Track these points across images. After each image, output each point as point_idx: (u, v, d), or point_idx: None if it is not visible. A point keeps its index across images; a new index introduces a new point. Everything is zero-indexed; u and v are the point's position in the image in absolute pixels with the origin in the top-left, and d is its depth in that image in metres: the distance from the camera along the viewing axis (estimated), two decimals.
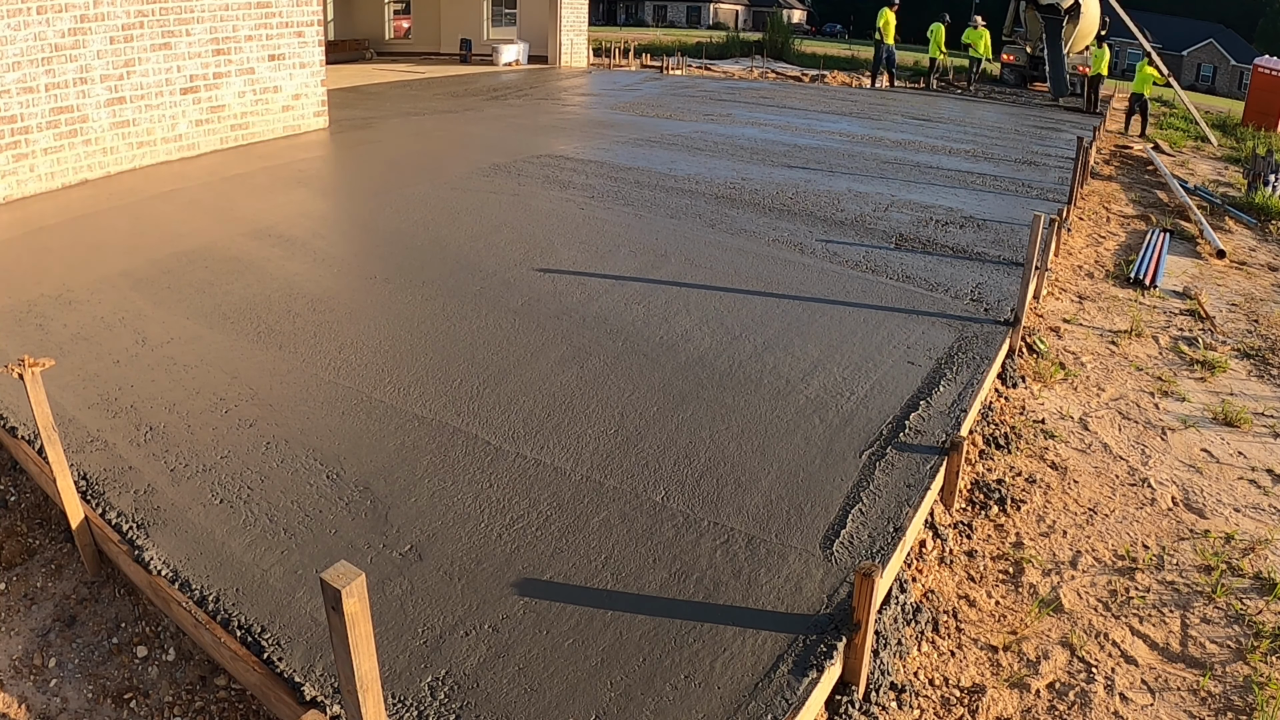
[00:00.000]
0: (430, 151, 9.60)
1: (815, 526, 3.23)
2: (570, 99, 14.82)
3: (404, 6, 22.04)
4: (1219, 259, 8.16)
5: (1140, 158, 13.61)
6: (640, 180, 8.50)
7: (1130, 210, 9.99)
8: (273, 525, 3.11)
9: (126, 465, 3.43)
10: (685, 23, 65.35)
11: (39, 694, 2.64)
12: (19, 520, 3.37)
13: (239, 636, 2.58)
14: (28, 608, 2.95)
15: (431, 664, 2.52)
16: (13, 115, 6.91)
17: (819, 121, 13.49)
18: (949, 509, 3.82)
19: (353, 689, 1.86)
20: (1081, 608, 3.28)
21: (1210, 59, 50.70)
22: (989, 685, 2.89)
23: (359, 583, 1.74)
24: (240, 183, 7.84)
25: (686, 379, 4.34)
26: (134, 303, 5.02)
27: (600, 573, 2.93)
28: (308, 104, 10.13)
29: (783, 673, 2.54)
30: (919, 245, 6.85)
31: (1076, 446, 4.46)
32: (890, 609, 3.04)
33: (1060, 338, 5.90)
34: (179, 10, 8.25)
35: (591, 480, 3.46)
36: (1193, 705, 2.84)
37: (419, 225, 6.68)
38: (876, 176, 9.41)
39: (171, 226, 6.44)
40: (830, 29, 66.58)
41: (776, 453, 3.71)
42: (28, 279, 5.30)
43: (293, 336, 4.65)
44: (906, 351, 4.81)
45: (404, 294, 5.29)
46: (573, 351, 4.58)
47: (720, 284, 5.69)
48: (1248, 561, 3.58)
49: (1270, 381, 5.43)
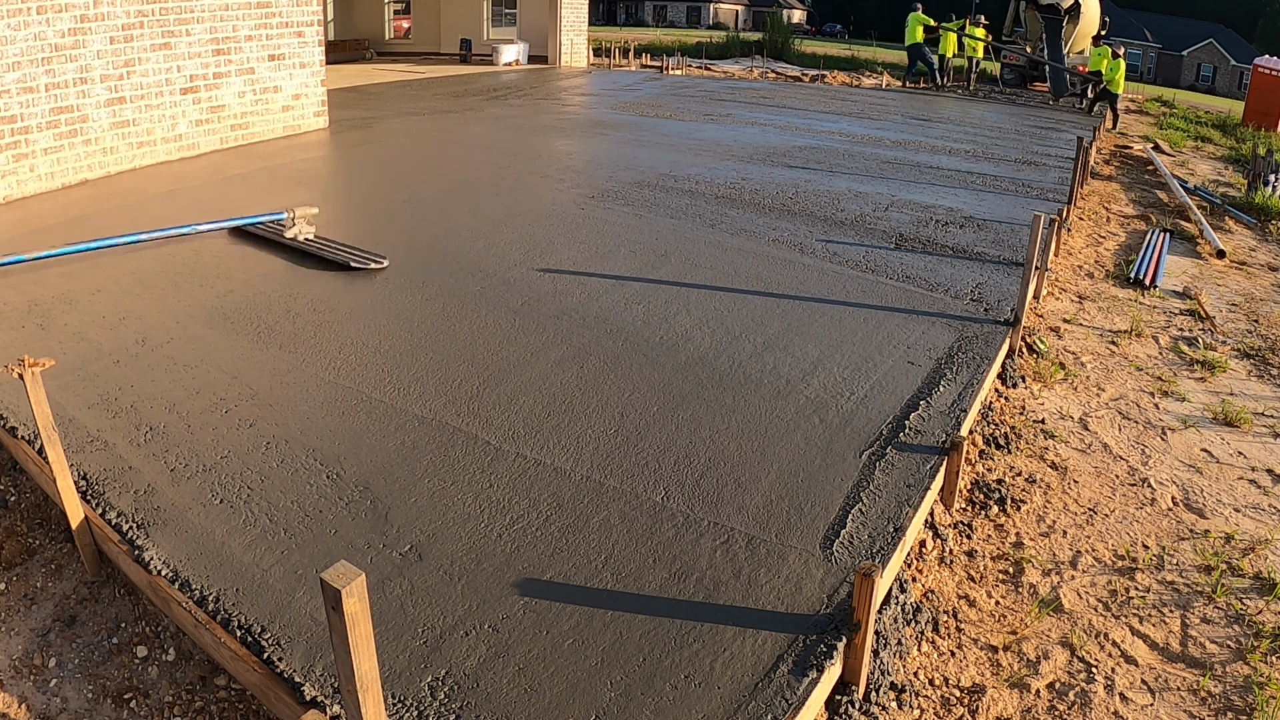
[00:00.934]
0: (430, 152, 9.60)
1: (815, 526, 3.23)
2: (570, 99, 14.83)
3: (404, 6, 22.05)
4: (1219, 259, 8.16)
5: (1140, 158, 13.61)
6: (640, 180, 8.50)
7: (1130, 210, 9.99)
8: (273, 525, 3.11)
9: (126, 465, 3.43)
10: (685, 23, 65.36)
11: (39, 694, 2.64)
12: (19, 520, 3.37)
13: (239, 636, 2.58)
14: (28, 608, 2.95)
15: (431, 664, 2.52)
16: (13, 115, 6.91)
17: (819, 121, 13.49)
18: (949, 509, 3.82)
19: (353, 689, 1.86)
20: (1081, 608, 3.28)
21: (1210, 59, 50.69)
22: (989, 685, 2.89)
23: (359, 583, 1.74)
24: (240, 183, 7.84)
25: (686, 379, 4.34)
26: (134, 303, 5.02)
27: (600, 573, 2.93)
28: (308, 104, 10.14)
29: (783, 673, 2.54)
30: (919, 245, 6.85)
31: (1076, 446, 4.46)
32: (890, 609, 3.04)
33: (1060, 338, 5.90)
34: (179, 10, 8.25)
35: (591, 480, 3.46)
36: (1193, 705, 2.84)
37: (419, 225, 6.68)
38: (876, 176, 9.41)
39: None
40: (830, 29, 66.61)
41: (776, 453, 3.72)
42: (28, 279, 5.30)
43: (293, 336, 4.65)
44: (906, 351, 4.81)
45: (404, 294, 5.29)
46: (573, 351, 4.58)
47: (720, 284, 5.69)
48: (1248, 561, 3.58)
49: (1270, 381, 5.43)
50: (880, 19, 60.42)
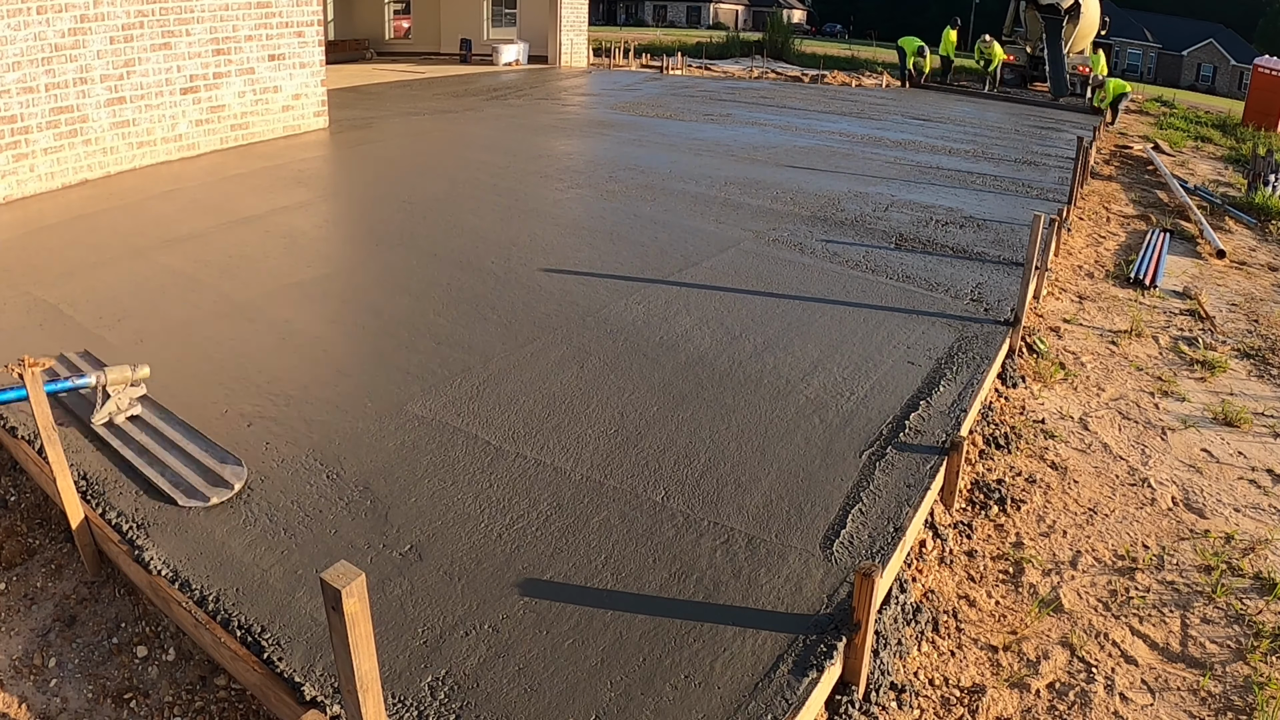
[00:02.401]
0: (430, 152, 9.59)
1: (815, 526, 3.23)
2: (570, 99, 14.82)
3: (404, 6, 22.03)
4: (1219, 259, 8.16)
5: (1140, 158, 13.61)
6: (640, 180, 8.50)
7: (1130, 210, 9.99)
8: (273, 525, 3.11)
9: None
10: (685, 23, 65.34)
11: (39, 694, 2.64)
12: (19, 520, 3.37)
13: (239, 636, 2.58)
14: (28, 608, 2.95)
15: (431, 664, 2.52)
16: (13, 115, 6.91)
17: (819, 121, 13.49)
18: (949, 509, 3.81)
19: (353, 689, 1.86)
20: (1081, 608, 3.28)
21: (1210, 59, 50.67)
22: (989, 685, 2.88)
23: (359, 583, 1.74)
24: (240, 182, 7.84)
25: (686, 378, 4.33)
26: (133, 302, 5.01)
27: (600, 573, 2.93)
28: (308, 104, 10.13)
29: (783, 673, 2.53)
30: (919, 245, 6.85)
31: (1076, 446, 4.46)
32: (890, 609, 3.04)
33: (1060, 338, 5.90)
34: (179, 10, 8.25)
35: (591, 480, 3.46)
36: (1193, 705, 2.84)
37: (419, 225, 6.68)
38: (877, 176, 9.41)
39: (171, 226, 6.44)
40: (830, 29, 66.59)
41: (776, 453, 3.71)
42: (28, 279, 5.30)
43: (293, 335, 4.65)
44: (906, 351, 4.81)
45: (404, 295, 5.29)
46: (573, 351, 4.58)
47: (720, 284, 5.68)
48: (1248, 561, 3.58)
49: (1270, 381, 5.43)
50: (880, 19, 60.43)
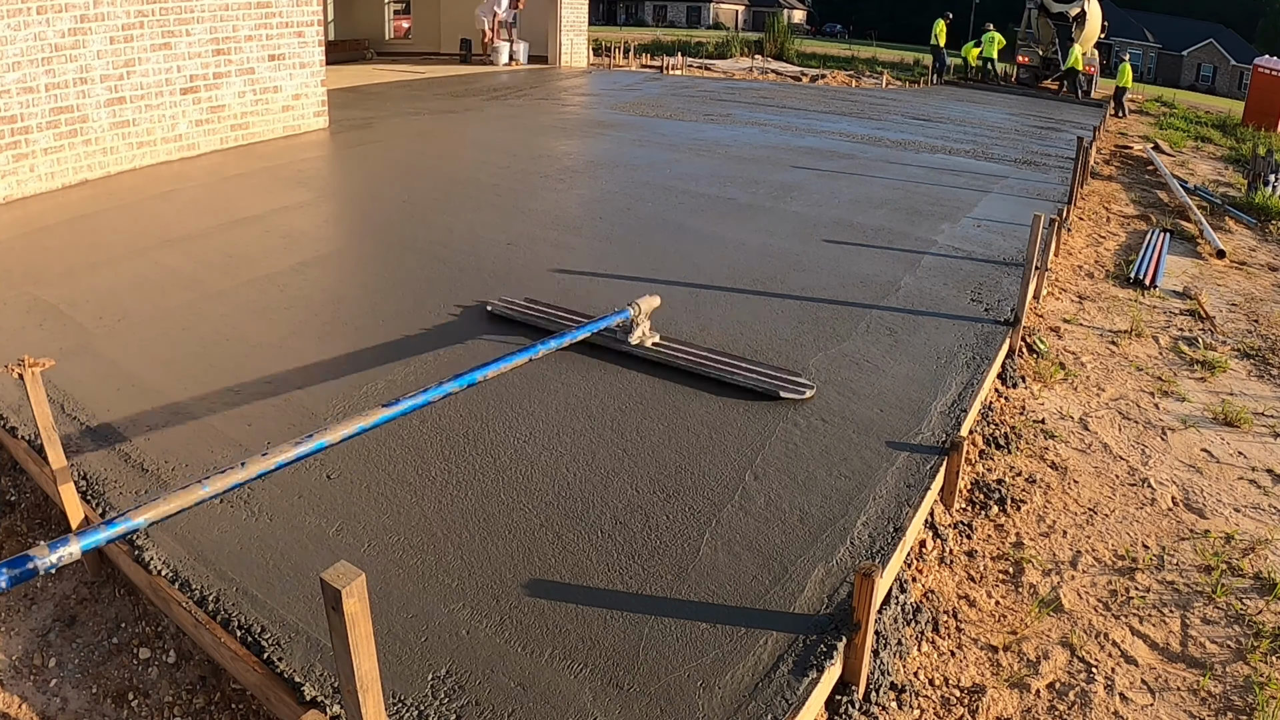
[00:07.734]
0: (430, 152, 9.60)
1: (815, 526, 3.23)
2: (570, 99, 14.82)
3: (404, 6, 22.02)
4: (1219, 259, 8.17)
5: (1140, 158, 13.61)
6: (640, 180, 8.50)
7: (1130, 210, 9.99)
8: (273, 525, 3.11)
9: (127, 464, 3.43)
10: (685, 23, 65.37)
11: (39, 694, 2.64)
12: (19, 520, 3.37)
13: (239, 637, 2.58)
14: (28, 608, 2.95)
15: (432, 664, 2.52)
16: (13, 115, 6.91)
17: (819, 121, 13.49)
18: (949, 509, 3.82)
19: (353, 689, 1.86)
20: (1081, 608, 3.28)
21: (1210, 59, 50.69)
22: (989, 685, 2.89)
23: (359, 583, 1.74)
24: (240, 182, 7.84)
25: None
26: (133, 302, 5.02)
27: (600, 573, 2.93)
28: (308, 104, 10.13)
29: (783, 673, 2.53)
30: (919, 245, 6.84)
31: (1076, 446, 4.46)
32: (890, 609, 3.04)
33: (1060, 338, 5.90)
34: (179, 10, 8.25)
35: (592, 480, 3.46)
36: (1193, 705, 2.84)
37: (419, 225, 6.68)
38: (877, 176, 9.41)
39: (171, 226, 6.44)
40: (830, 29, 66.63)
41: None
42: (28, 279, 5.30)
43: (293, 336, 4.65)
44: (907, 351, 4.81)
45: (404, 294, 5.29)
46: (573, 352, 4.58)
47: (721, 284, 5.68)
48: (1248, 561, 3.58)
49: (1270, 381, 5.43)
50: (880, 19, 60.45)
